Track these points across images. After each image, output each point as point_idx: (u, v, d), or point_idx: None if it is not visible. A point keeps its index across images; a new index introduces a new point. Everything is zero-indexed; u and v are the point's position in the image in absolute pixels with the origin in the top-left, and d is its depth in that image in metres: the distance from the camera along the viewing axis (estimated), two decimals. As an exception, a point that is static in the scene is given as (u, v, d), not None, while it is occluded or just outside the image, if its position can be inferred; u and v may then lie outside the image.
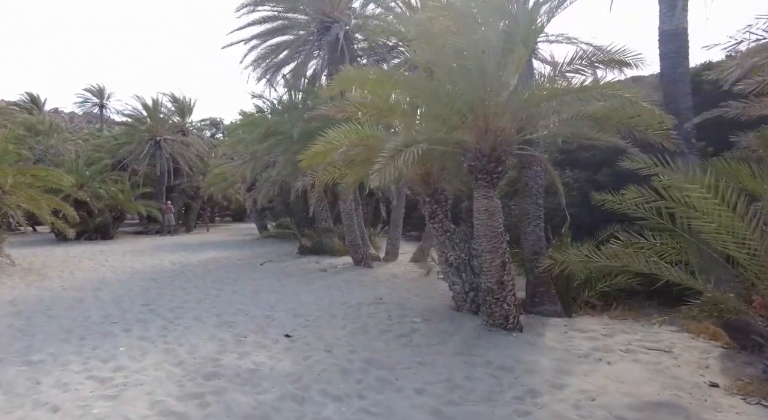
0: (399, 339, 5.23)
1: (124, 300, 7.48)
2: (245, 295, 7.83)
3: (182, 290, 8.36)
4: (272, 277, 9.78)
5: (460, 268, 6.05)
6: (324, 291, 8.20)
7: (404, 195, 13.52)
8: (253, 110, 19.17)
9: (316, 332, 5.51)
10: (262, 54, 13.27)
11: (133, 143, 23.18)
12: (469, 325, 5.58)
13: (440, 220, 6.10)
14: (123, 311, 6.69)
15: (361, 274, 10.27)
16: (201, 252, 14.79)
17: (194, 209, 25.84)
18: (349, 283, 9.00)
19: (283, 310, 6.72)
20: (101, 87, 46.67)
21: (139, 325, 5.93)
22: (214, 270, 10.88)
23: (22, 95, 36.59)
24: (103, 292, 8.13)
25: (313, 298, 7.59)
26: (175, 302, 7.32)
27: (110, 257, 13.38)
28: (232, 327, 5.79)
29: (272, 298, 7.55)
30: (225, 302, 7.31)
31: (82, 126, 38.03)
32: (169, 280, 9.36)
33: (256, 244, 17.96)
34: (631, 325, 5.75)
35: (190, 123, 25.98)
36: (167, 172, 22.91)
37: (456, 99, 4.76)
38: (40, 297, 7.67)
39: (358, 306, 6.92)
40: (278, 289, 8.38)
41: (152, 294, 7.98)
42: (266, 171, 13.64)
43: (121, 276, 9.98)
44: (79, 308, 6.88)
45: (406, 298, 7.56)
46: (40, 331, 5.66)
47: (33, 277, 9.87)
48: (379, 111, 5.03)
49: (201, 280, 9.46)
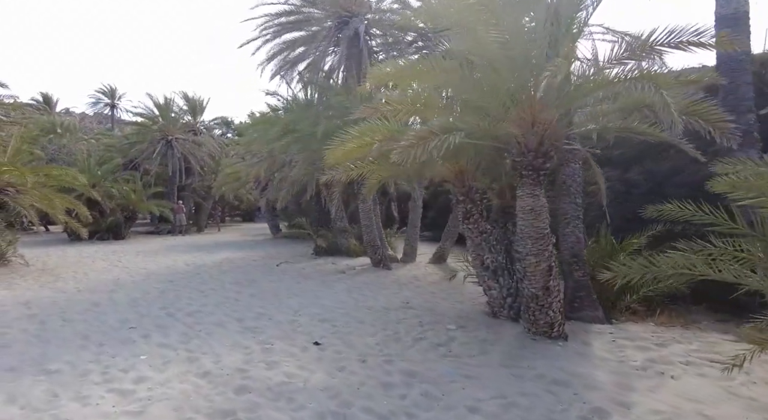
0: (436, 348, 4.88)
1: (140, 303, 7.21)
2: (265, 299, 7.52)
3: (199, 293, 8.08)
4: (290, 279, 9.48)
5: (497, 271, 5.68)
6: (346, 294, 7.88)
7: (422, 194, 13.20)
8: (264, 110, 18.99)
9: (345, 339, 5.18)
10: (276, 50, 13.00)
11: (144, 142, 23.06)
12: (510, 334, 5.22)
13: (475, 221, 5.75)
14: (140, 315, 6.41)
15: (380, 276, 9.93)
16: (215, 252, 14.55)
17: (205, 209, 25.69)
18: (370, 286, 8.66)
19: (307, 314, 6.40)
20: (113, 87, 46.82)
21: (159, 330, 5.64)
22: (230, 271, 10.60)
23: (34, 96, 36.82)
24: (118, 295, 7.87)
25: (336, 301, 7.27)
26: (193, 305, 7.04)
27: (123, 257, 13.17)
28: (256, 333, 5.48)
29: (294, 302, 7.24)
30: (245, 306, 7.01)
31: (93, 126, 38.11)
32: (185, 282, 9.09)
33: (269, 244, 17.70)
34: (682, 333, 5.35)
35: (201, 122, 25.81)
36: (179, 171, 22.75)
37: (501, 90, 4.41)
38: (54, 299, 7.43)
39: (384, 311, 6.59)
40: (299, 292, 8.07)
41: (169, 297, 7.71)
42: (281, 170, 13.34)
43: (135, 277, 9.74)
44: (95, 312, 6.61)
45: (434, 302, 7.22)
46: (56, 337, 5.39)
47: (47, 277, 9.66)
48: (415, 108, 4.67)
49: (218, 282, 9.17)
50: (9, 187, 10.59)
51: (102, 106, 47.64)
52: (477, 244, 5.77)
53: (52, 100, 37.40)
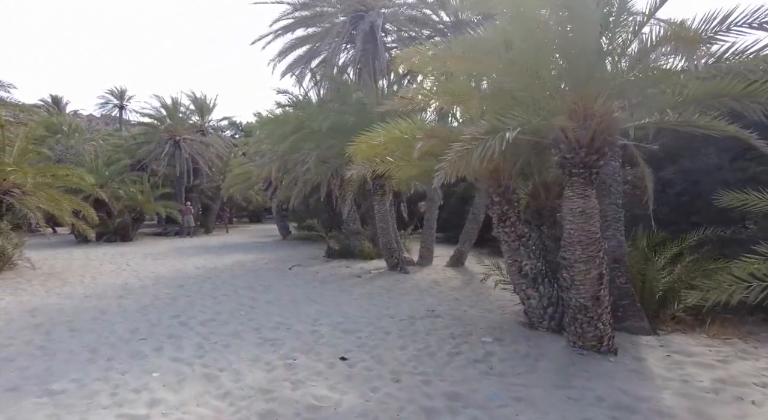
0: (475, 365, 4.45)
1: (150, 310, 6.82)
2: (283, 306, 7.11)
3: (212, 299, 7.69)
4: (306, 284, 9.07)
5: (537, 279, 5.23)
6: (366, 301, 7.46)
7: (440, 194, 12.75)
8: (269, 109, 18.58)
9: (374, 354, 4.75)
10: (288, 46, 12.61)
11: (152, 143, 22.80)
12: (554, 348, 4.77)
13: (512, 224, 5.30)
14: (151, 324, 6.02)
15: (399, 280, 9.50)
16: (224, 255, 14.19)
17: (213, 210, 25.37)
18: (390, 292, 8.24)
19: (328, 324, 5.98)
20: (122, 89, 46.93)
21: (171, 342, 5.24)
22: (242, 275, 10.21)
23: (43, 97, 36.78)
24: (127, 301, 7.50)
25: (357, 309, 6.85)
26: (206, 313, 6.64)
27: (131, 260, 12.84)
28: (276, 346, 5.06)
29: (313, 310, 6.82)
30: (262, 314, 6.60)
31: (100, 128, 38.05)
32: (197, 288, 8.70)
33: (279, 246, 17.33)
34: (742, 348, 4.88)
35: (209, 122, 25.51)
36: (187, 172, 22.45)
37: (552, 79, 3.97)
38: (61, 306, 7.06)
39: (410, 320, 6.15)
40: (317, 299, 7.65)
41: (180, 303, 7.32)
42: (293, 169, 12.93)
43: (144, 281, 9.37)
44: (104, 320, 6.23)
45: (461, 310, 6.77)
46: (62, 349, 5.01)
47: (53, 282, 9.32)
48: (454, 97, 4.24)
49: (231, 287, 8.78)
50: (15, 188, 10.28)
51: (111, 108, 47.73)
52: (514, 249, 5.32)
53: (61, 102, 37.41)
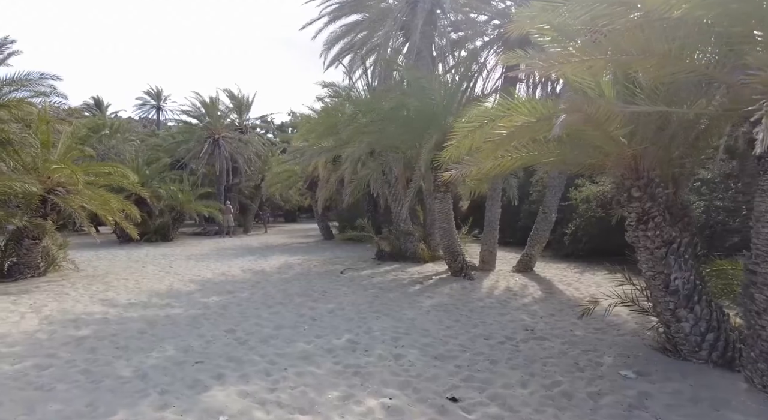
0: (633, 413, 3.35)
1: (202, 323, 6.02)
2: (349, 319, 6.18)
3: (267, 308, 6.85)
4: (364, 291, 8.13)
5: (692, 297, 4.07)
6: (444, 315, 6.43)
7: (501, 192, 11.58)
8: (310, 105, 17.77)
9: (490, 393, 3.71)
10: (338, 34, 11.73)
11: (191, 141, 22.53)
12: (730, 390, 3.61)
13: (656, 225, 4.16)
14: (205, 342, 5.19)
15: (467, 289, 8.43)
16: (268, 256, 13.48)
17: (252, 209, 24.93)
18: (465, 303, 7.18)
19: (412, 345, 4.99)
20: (159, 89, 47.60)
21: (233, 368, 4.37)
22: (293, 280, 9.38)
23: (86, 99, 37.58)
24: (174, 310, 6.74)
25: (436, 325, 5.83)
26: (265, 327, 5.78)
27: (174, 262, 12.27)
28: (362, 377, 4.10)
29: (384, 324, 5.85)
30: (328, 328, 5.68)
31: (139, 130, 38.56)
32: (248, 294, 7.91)
33: (322, 247, 16.54)
34: None
35: (247, 120, 25.09)
36: (226, 171, 22.05)
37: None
38: (105, 316, 6.36)
39: (511, 343, 5.09)
40: (382, 309, 6.69)
41: (233, 314, 6.50)
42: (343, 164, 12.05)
43: (190, 287, 8.65)
44: (152, 335, 5.44)
45: (565, 329, 5.65)
46: (108, 374, 4.21)
47: (97, 285, 8.74)
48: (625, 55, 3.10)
49: (284, 293, 7.94)
50: (59, 186, 9.81)
51: (148, 109, 48.51)
52: (658, 258, 4.18)
53: (103, 104, 38.10)
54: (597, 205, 11.82)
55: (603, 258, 11.94)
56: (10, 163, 9.69)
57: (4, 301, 7.39)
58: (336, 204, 19.68)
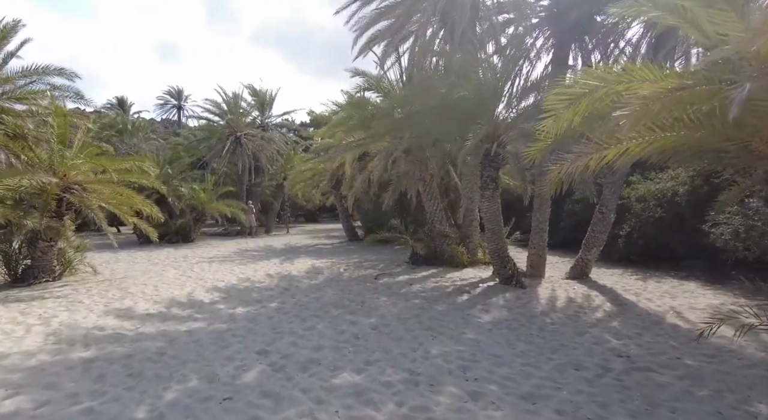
0: None
1: (229, 341, 5.16)
2: (399, 339, 5.23)
3: (301, 322, 5.97)
4: (409, 303, 7.19)
5: None
6: (512, 335, 5.42)
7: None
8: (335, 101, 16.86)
9: (619, 458, 2.74)
10: (370, 19, 10.82)
11: (213, 139, 21.97)
12: None
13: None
14: (234, 367, 4.33)
15: (524, 300, 7.42)
16: (294, 258, 12.66)
17: (274, 209, 24.26)
18: (532, 320, 6.15)
19: (487, 378, 4.01)
20: (179, 89, 47.60)
21: (269, 408, 3.47)
22: (324, 287, 8.50)
23: (110, 99, 37.63)
24: (197, 324, 5.92)
25: (507, 349, 4.84)
26: (302, 348, 4.89)
27: (195, 265, 11.55)
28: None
29: (446, 348, 4.88)
30: (378, 351, 4.75)
31: (161, 131, 38.42)
32: (277, 304, 7.06)
33: (349, 249, 15.66)
34: None
35: (269, 118, 24.43)
36: (248, 169, 21.40)
37: None
38: (118, 332, 5.56)
39: (610, 375, 4.07)
40: (435, 327, 5.72)
41: (264, 329, 5.64)
42: (373, 160, 11.15)
43: (213, 295, 7.85)
44: (170, 358, 4.61)
45: (668, 356, 4.59)
46: (116, 410, 3.38)
47: (113, 292, 8.02)
48: None
49: (317, 303, 7.07)
50: (76, 184, 9.14)
51: (169, 108, 48.56)
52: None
53: (126, 103, 38.07)
54: (655, 204, 10.68)
55: (659, 262, 10.83)
56: (23, 159, 9.09)
57: (12, 310, 6.70)
58: (361, 203, 18.81)
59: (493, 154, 8.10)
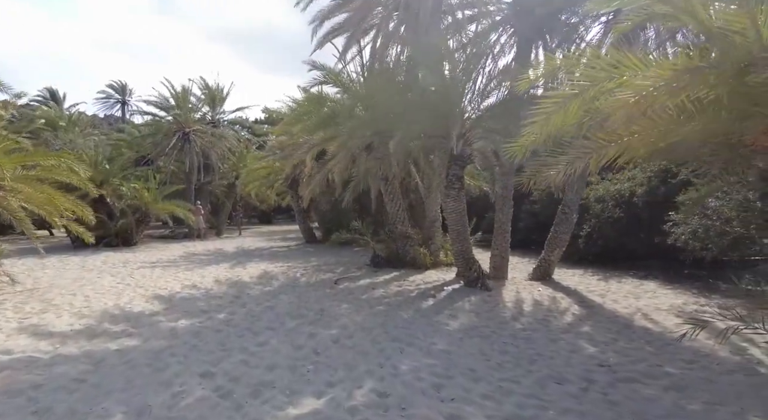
0: None
1: (167, 361, 4.46)
2: (364, 353, 4.73)
3: (253, 336, 5.33)
4: (372, 309, 6.69)
5: None
6: (485, 344, 5.05)
7: (512, 188, 10.27)
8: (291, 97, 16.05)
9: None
10: (327, 10, 10.25)
11: (158, 136, 20.52)
12: None
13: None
14: (171, 395, 3.66)
15: (491, 303, 7.13)
16: (246, 263, 11.85)
17: (225, 210, 23.04)
18: (502, 326, 5.83)
19: (464, 398, 3.58)
20: (123, 83, 44.75)
21: (212, 447, 2.87)
22: (279, 294, 7.85)
23: (41, 90, 34.59)
24: (131, 341, 5.14)
25: (484, 362, 4.45)
26: (254, 367, 4.28)
27: (136, 271, 10.50)
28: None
29: (416, 363, 4.42)
30: (341, 369, 4.22)
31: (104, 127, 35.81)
32: (226, 314, 6.35)
33: (305, 251, 14.99)
34: None
35: (221, 114, 23.17)
36: (197, 168, 20.14)
37: None
38: (31, 356, 4.69)
39: (595, 388, 3.76)
40: (405, 338, 5.26)
41: (210, 346, 4.96)
42: (335, 158, 10.57)
43: (154, 305, 7.01)
44: (92, 386, 3.86)
45: (649, 363, 4.37)
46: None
47: (33, 304, 6.99)
48: None
49: (272, 313, 6.43)
50: (-10, 184, 7.96)
51: (112, 104, 45.54)
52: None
53: (58, 95, 35.13)
54: (614, 205, 10.79)
55: (617, 262, 10.96)
56: None
57: None
58: (319, 204, 18.14)
59: (459, 152, 7.78)
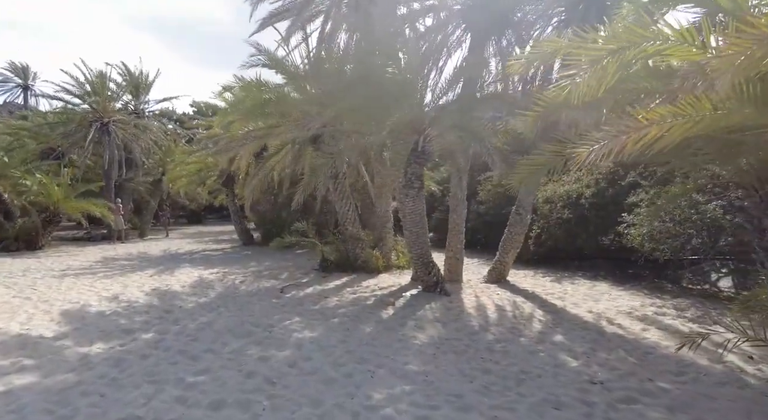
0: None
1: (75, 406, 3.46)
2: (328, 380, 4.01)
3: (190, 363, 4.41)
4: (328, 322, 5.97)
5: None
6: (462, 362, 4.53)
7: (465, 189, 9.95)
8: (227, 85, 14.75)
9: None
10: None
11: (71, 126, 18.14)
12: None
13: None
14: (79, 460, 2.74)
15: (455, 310, 6.70)
16: (176, 270, 10.56)
17: (150, 209, 20.97)
18: (473, 338, 5.37)
19: (457, 435, 3.04)
20: (25, 65, 39.77)
21: None
22: (217, 306, 6.87)
23: None
24: (25, 378, 4.02)
25: (467, 384, 3.92)
26: (194, 407, 3.41)
27: (40, 282, 8.88)
28: None
29: (391, 390, 3.80)
30: (307, 404, 3.47)
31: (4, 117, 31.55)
32: (156, 334, 5.32)
33: (243, 255, 13.82)
34: None
35: (146, 104, 21.05)
36: (117, 162, 18.06)
37: None
38: None
39: (597, 412, 3.37)
40: (372, 358, 4.61)
41: (135, 380, 3.98)
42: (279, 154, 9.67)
43: (61, 325, 5.77)
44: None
45: (640, 378, 4.07)
46: None
47: None
48: None
49: (210, 331, 5.49)
50: None
51: (12, 88, 40.35)
52: None
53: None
54: (562, 206, 10.89)
55: (566, 263, 11.10)
56: None
57: None
58: (257, 203, 16.96)
59: (421, 149, 7.27)
